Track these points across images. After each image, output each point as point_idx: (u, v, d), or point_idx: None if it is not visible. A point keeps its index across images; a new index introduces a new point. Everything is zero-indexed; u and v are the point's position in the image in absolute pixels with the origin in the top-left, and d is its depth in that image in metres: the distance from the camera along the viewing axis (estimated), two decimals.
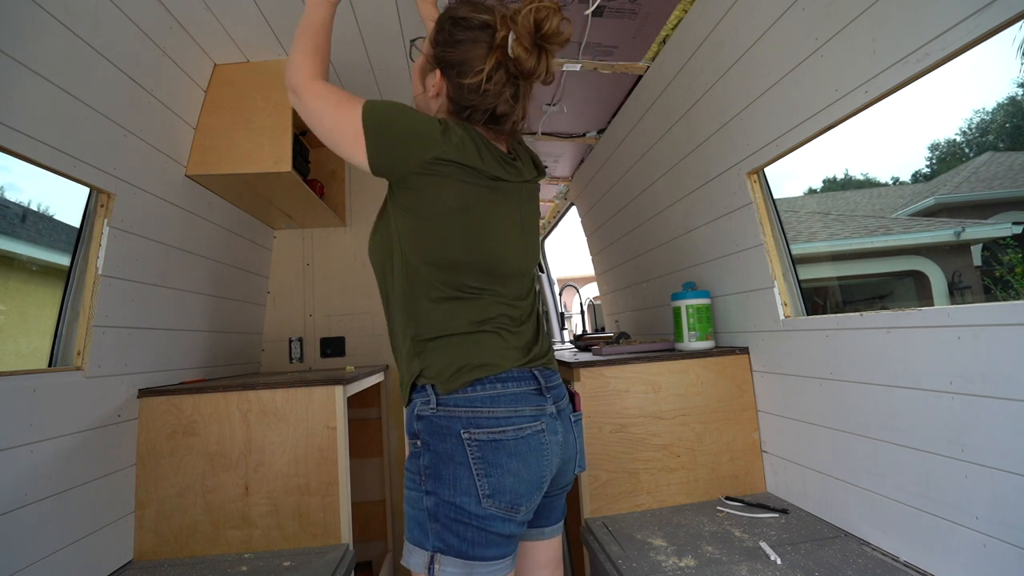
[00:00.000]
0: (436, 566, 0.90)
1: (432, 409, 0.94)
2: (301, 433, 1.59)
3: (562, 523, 1.14)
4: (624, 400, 1.73)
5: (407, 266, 0.98)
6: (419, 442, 0.95)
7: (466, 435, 0.91)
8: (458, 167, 0.94)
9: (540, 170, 1.13)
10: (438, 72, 1.02)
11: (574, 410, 1.08)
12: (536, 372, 1.00)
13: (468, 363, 0.94)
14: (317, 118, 0.97)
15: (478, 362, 0.94)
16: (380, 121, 0.94)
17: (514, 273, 1.03)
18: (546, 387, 1.00)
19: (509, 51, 0.94)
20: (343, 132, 0.95)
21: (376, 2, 1.61)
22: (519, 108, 1.01)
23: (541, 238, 4.97)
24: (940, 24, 0.99)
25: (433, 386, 0.95)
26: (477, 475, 0.90)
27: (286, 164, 1.84)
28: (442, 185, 0.94)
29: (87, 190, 1.41)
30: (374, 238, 1.03)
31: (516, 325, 1.02)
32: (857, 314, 1.32)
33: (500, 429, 0.92)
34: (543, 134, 2.82)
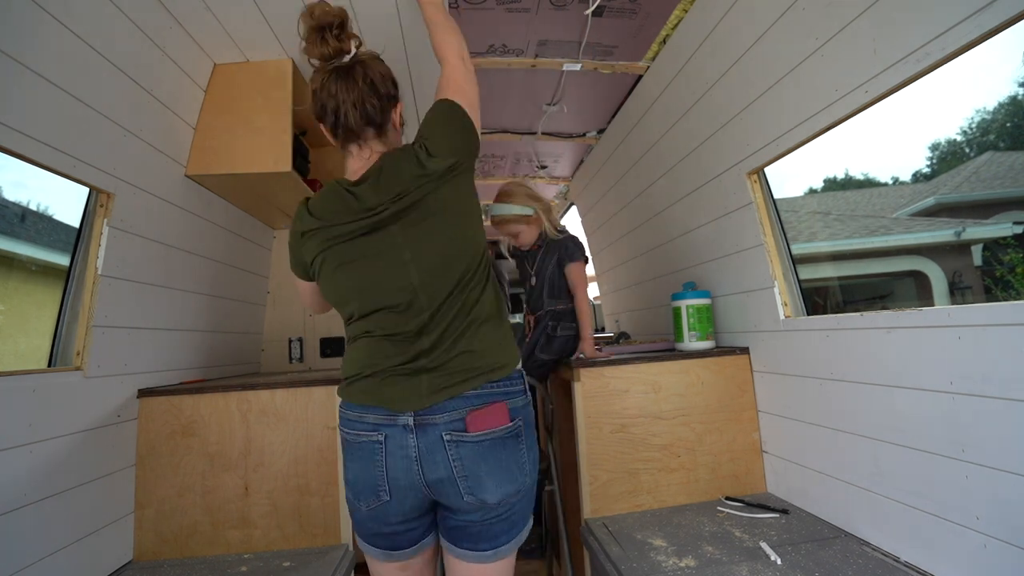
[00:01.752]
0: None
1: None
2: (301, 433, 1.59)
3: (488, 555, 1.02)
4: (624, 400, 1.73)
5: None
6: None
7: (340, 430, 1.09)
8: (310, 236, 1.07)
9: (424, 169, 1.01)
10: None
11: (466, 430, 0.98)
12: None
13: (345, 371, 1.08)
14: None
15: (351, 371, 1.06)
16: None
17: (395, 305, 1.01)
18: None
19: (307, 57, 1.07)
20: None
21: (375, 3, 1.60)
22: (343, 96, 1.04)
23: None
24: (940, 24, 0.99)
25: None
26: (344, 464, 1.07)
27: (286, 164, 1.84)
28: (305, 252, 1.09)
29: (87, 190, 1.41)
30: None
31: (405, 339, 1.02)
32: (857, 314, 1.32)
33: (345, 430, 1.05)
34: (543, 134, 2.82)
